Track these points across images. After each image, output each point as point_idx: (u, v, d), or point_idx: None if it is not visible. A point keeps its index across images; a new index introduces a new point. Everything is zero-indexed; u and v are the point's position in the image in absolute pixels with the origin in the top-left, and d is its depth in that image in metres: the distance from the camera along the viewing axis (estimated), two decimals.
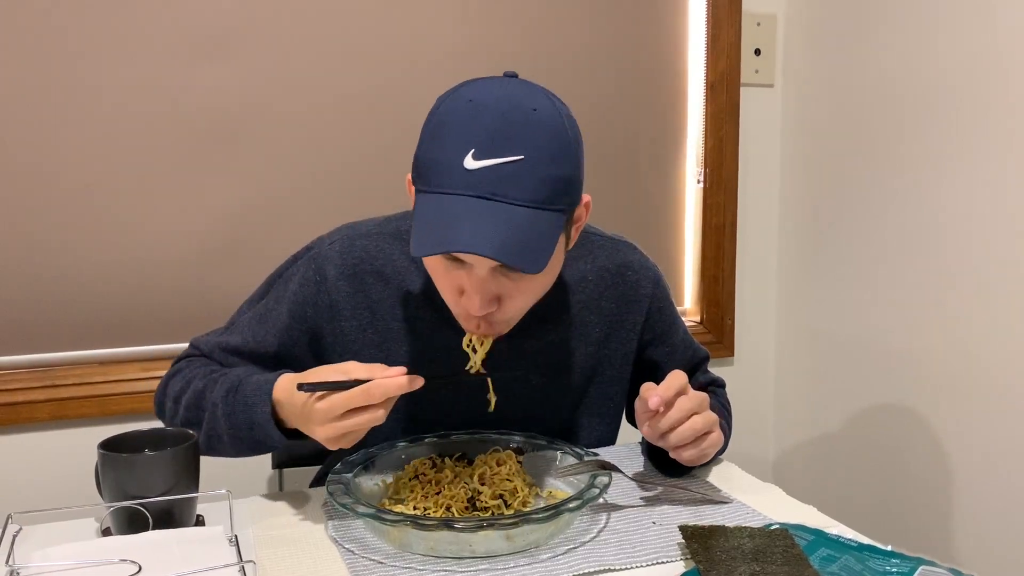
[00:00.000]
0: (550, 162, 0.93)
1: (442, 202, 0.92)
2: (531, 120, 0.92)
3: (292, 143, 1.68)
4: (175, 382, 1.13)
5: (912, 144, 1.68)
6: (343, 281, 1.11)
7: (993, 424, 1.55)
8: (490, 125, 0.91)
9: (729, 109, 1.97)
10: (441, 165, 0.92)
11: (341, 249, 1.13)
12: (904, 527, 1.74)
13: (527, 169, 0.91)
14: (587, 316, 1.17)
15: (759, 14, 1.97)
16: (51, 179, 1.56)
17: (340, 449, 0.97)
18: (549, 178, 0.92)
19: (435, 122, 0.96)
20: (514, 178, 0.90)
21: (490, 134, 0.91)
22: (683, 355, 1.25)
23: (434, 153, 0.94)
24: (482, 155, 0.90)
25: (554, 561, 0.88)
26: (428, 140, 0.96)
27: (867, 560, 0.86)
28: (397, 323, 1.12)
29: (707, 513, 1.00)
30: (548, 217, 0.93)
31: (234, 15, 1.62)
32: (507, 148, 0.90)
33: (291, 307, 1.12)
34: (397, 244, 1.13)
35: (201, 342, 1.18)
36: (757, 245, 2.06)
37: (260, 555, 0.90)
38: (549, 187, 0.92)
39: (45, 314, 1.58)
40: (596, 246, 1.19)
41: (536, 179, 0.91)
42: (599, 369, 1.20)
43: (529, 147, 0.91)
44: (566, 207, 0.95)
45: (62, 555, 0.85)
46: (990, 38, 1.51)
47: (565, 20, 1.83)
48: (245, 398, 1.02)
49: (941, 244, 1.62)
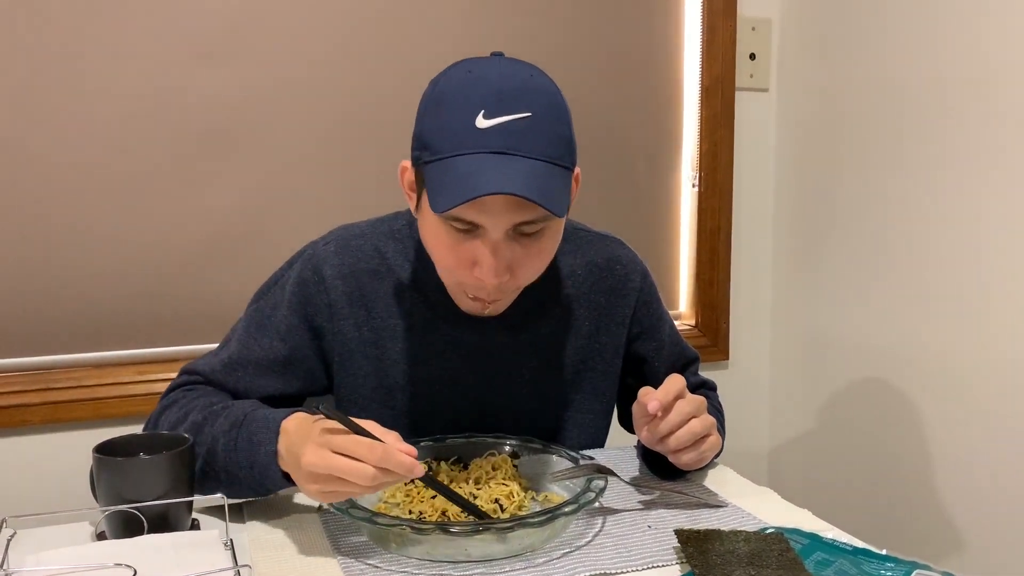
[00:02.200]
0: (555, 121, 0.97)
1: (457, 163, 0.93)
2: (530, 84, 0.96)
3: (289, 145, 1.68)
4: (170, 413, 1.06)
5: (906, 148, 1.68)
6: (339, 280, 1.11)
7: (989, 428, 1.55)
8: (495, 86, 0.94)
9: (724, 113, 1.97)
10: (451, 129, 0.94)
11: (336, 249, 1.13)
12: (899, 531, 1.74)
13: (536, 125, 0.94)
14: (577, 309, 1.18)
15: (754, 19, 1.97)
16: (46, 181, 1.55)
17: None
18: (555, 136, 0.96)
19: (436, 95, 0.98)
20: (525, 133, 0.93)
21: (496, 95, 0.94)
22: (671, 351, 1.26)
23: (441, 120, 0.96)
24: (492, 114, 0.93)
25: (550, 565, 0.88)
26: (432, 112, 0.97)
27: (862, 564, 0.86)
28: (393, 320, 1.12)
29: (703, 517, 1.00)
30: (559, 172, 0.96)
31: (233, 16, 1.62)
32: (515, 107, 0.94)
33: (291, 307, 1.11)
34: (391, 242, 1.14)
35: (198, 366, 1.12)
36: (752, 249, 2.07)
37: (256, 559, 0.90)
38: (556, 144, 0.96)
39: (39, 317, 1.57)
40: (585, 241, 1.21)
41: (545, 136, 0.95)
42: (590, 363, 1.20)
43: (534, 106, 0.95)
44: (571, 166, 0.99)
45: (57, 559, 0.84)
46: (985, 42, 1.52)
47: (560, 23, 1.84)
48: (250, 435, 0.96)
49: (935, 249, 1.63)
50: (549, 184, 0.94)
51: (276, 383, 1.11)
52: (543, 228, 0.99)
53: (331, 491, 0.88)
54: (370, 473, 0.84)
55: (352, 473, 0.85)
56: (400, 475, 0.85)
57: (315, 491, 0.89)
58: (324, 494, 0.89)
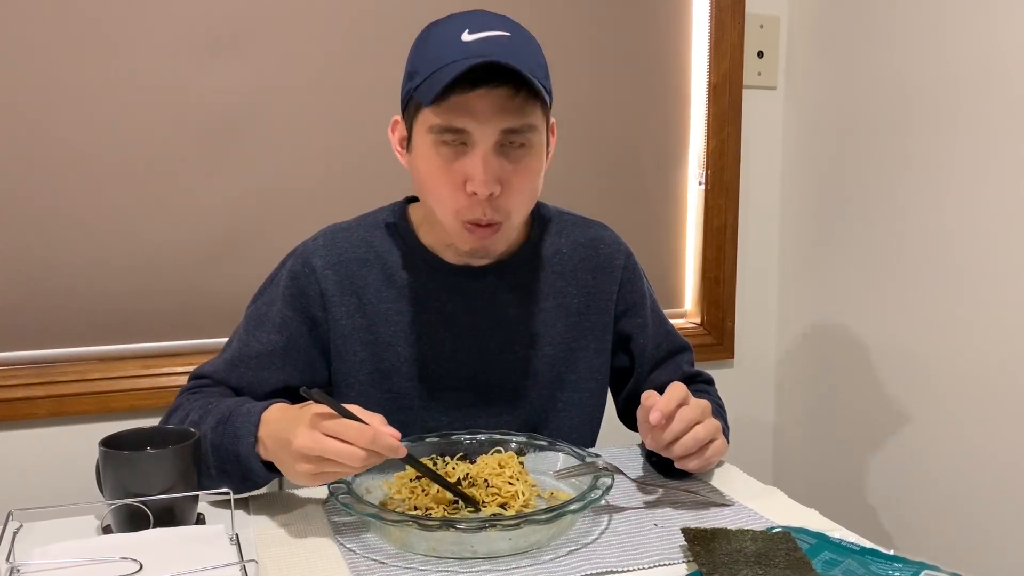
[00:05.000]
0: (536, 49, 1.05)
1: (444, 70, 0.98)
2: (507, 19, 1.05)
3: (294, 142, 1.68)
4: (174, 418, 1.09)
5: (914, 147, 1.68)
6: (329, 270, 1.15)
7: (997, 426, 1.55)
8: (478, 12, 1.04)
9: (731, 111, 1.97)
10: (437, 50, 1.01)
11: (325, 243, 1.17)
12: (907, 531, 1.74)
13: (518, 44, 1.01)
14: (564, 287, 1.20)
15: (762, 16, 1.97)
16: (50, 176, 1.55)
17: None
18: (535, 59, 1.03)
19: (422, 35, 1.06)
20: (509, 48, 1.00)
21: (479, 16, 1.03)
22: (656, 331, 1.27)
23: (428, 47, 1.03)
24: (476, 30, 1.00)
25: (556, 562, 0.88)
26: (419, 46, 1.05)
27: (870, 564, 0.86)
28: (384, 304, 1.15)
29: (709, 516, 1.00)
30: (539, 93, 1.01)
31: (237, 14, 1.62)
32: (498, 26, 1.02)
33: (286, 300, 1.15)
34: (377, 232, 1.18)
35: (204, 369, 1.16)
36: (758, 247, 2.06)
37: (261, 554, 0.90)
38: (537, 66, 1.02)
39: (45, 311, 1.57)
40: (568, 223, 1.24)
41: (527, 54, 1.01)
42: (581, 341, 1.22)
43: (512, 30, 1.03)
44: (549, 93, 1.04)
45: (62, 552, 0.84)
46: (993, 40, 1.51)
47: (568, 21, 1.83)
48: (235, 429, 0.99)
49: (943, 247, 1.62)
50: (535, 83, 0.99)
51: (278, 376, 1.14)
52: (528, 143, 1.04)
53: (320, 472, 0.91)
54: (360, 455, 0.89)
55: (343, 455, 0.89)
56: (385, 456, 0.90)
57: (304, 471, 0.91)
58: (313, 476, 0.91)
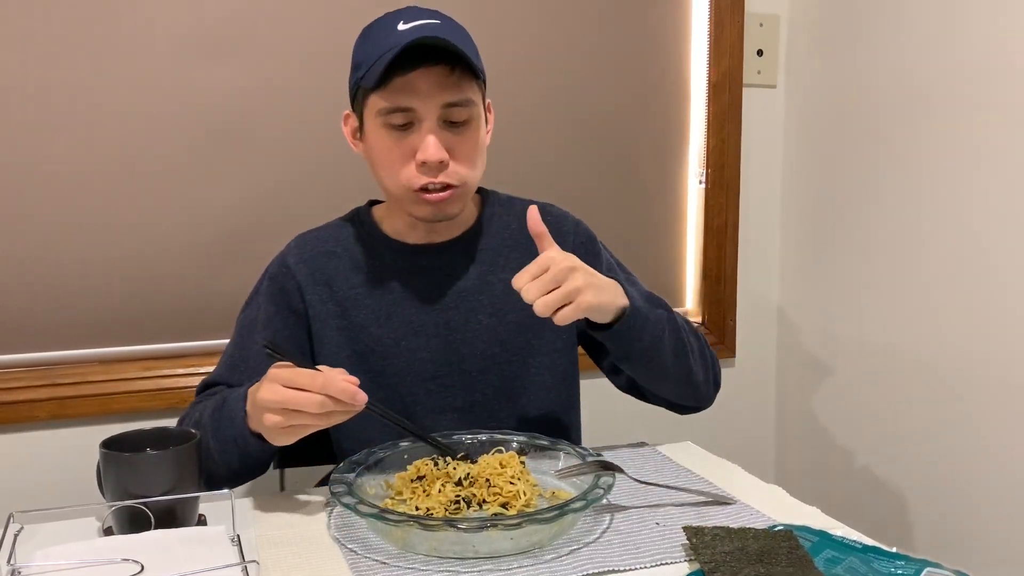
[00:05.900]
0: (465, 34, 1.12)
1: (387, 55, 1.04)
2: (437, 11, 1.12)
3: (295, 142, 1.68)
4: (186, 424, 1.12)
5: (914, 145, 1.67)
6: (302, 264, 1.22)
7: (998, 424, 1.54)
8: (408, 9, 1.10)
9: (731, 109, 1.96)
10: (375, 42, 1.08)
11: (297, 244, 1.25)
12: (909, 529, 1.74)
13: (447, 30, 1.08)
14: (520, 258, 1.22)
15: (762, 15, 1.97)
16: (51, 177, 1.55)
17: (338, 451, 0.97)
18: (466, 43, 1.09)
19: (362, 33, 1.13)
20: (441, 32, 1.06)
21: (411, 12, 1.09)
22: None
23: (366, 42, 1.11)
24: (410, 20, 1.08)
25: (558, 562, 0.88)
26: (359, 43, 1.13)
27: (872, 562, 0.86)
28: (353, 289, 1.21)
29: (711, 514, 1.00)
30: (472, 70, 1.08)
31: (236, 14, 1.61)
32: (430, 15, 1.10)
33: (268, 300, 1.21)
34: (344, 229, 1.25)
35: (208, 378, 1.21)
36: (759, 246, 2.06)
37: (263, 555, 0.90)
38: (470, 47, 1.09)
39: (45, 313, 1.57)
40: (517, 204, 1.29)
41: (458, 37, 1.07)
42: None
43: (443, 19, 1.11)
44: (481, 71, 1.11)
45: (63, 554, 0.84)
46: (994, 39, 1.51)
47: (567, 20, 1.83)
48: (229, 411, 1.03)
49: (944, 245, 1.62)
50: (467, 58, 1.05)
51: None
52: (469, 118, 1.11)
53: (290, 425, 0.95)
54: (317, 400, 0.92)
55: (299, 402, 0.92)
56: (347, 404, 0.93)
57: (273, 424, 0.95)
58: (284, 429, 0.95)
